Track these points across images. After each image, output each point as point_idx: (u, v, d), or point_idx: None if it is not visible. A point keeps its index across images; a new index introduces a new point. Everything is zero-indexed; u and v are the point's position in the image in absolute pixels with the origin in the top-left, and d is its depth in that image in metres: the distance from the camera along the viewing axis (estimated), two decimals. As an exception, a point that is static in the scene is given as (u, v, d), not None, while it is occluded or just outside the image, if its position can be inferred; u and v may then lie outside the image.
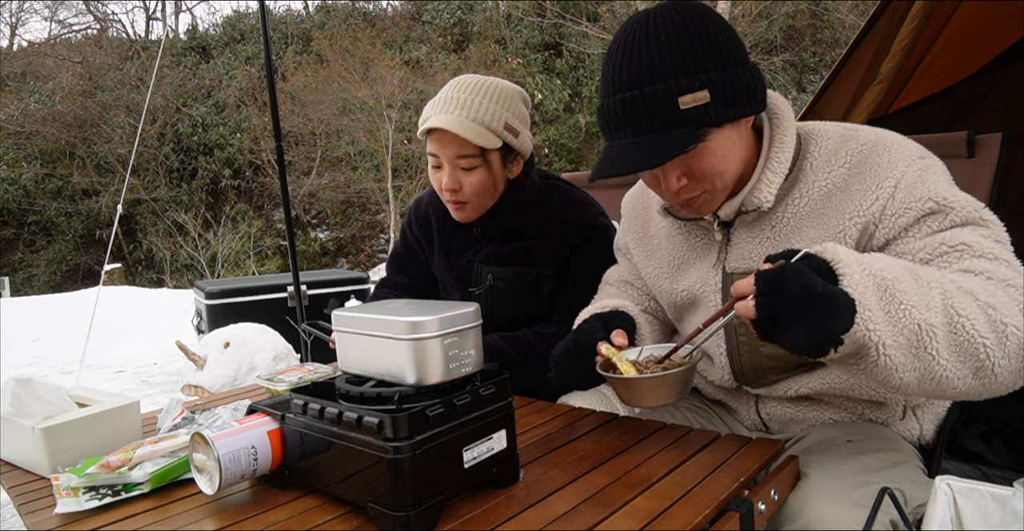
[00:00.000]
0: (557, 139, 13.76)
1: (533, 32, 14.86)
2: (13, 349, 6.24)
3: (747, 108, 0.99)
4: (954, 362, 0.81)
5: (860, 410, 1.12)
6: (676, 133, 0.95)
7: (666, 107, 0.95)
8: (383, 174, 13.82)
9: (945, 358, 0.80)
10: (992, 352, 0.81)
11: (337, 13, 17.80)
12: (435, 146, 1.39)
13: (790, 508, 0.92)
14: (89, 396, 1.17)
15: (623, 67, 0.97)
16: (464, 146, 1.35)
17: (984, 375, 0.82)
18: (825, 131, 1.07)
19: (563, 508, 0.82)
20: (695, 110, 0.94)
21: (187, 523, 0.85)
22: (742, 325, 1.12)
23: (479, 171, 1.39)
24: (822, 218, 1.02)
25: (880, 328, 0.77)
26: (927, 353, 0.80)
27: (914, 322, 0.79)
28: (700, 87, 0.94)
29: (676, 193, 1.03)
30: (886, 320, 0.78)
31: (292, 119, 14.19)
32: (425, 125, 1.36)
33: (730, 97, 0.96)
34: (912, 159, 0.98)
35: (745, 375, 1.16)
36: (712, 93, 0.94)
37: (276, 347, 3.73)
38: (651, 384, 0.97)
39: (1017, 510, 0.82)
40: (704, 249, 1.16)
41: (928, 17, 2.31)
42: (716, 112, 0.95)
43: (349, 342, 0.93)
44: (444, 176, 1.40)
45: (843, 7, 12.00)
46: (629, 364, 1.01)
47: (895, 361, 0.79)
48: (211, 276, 13.66)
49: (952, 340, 0.80)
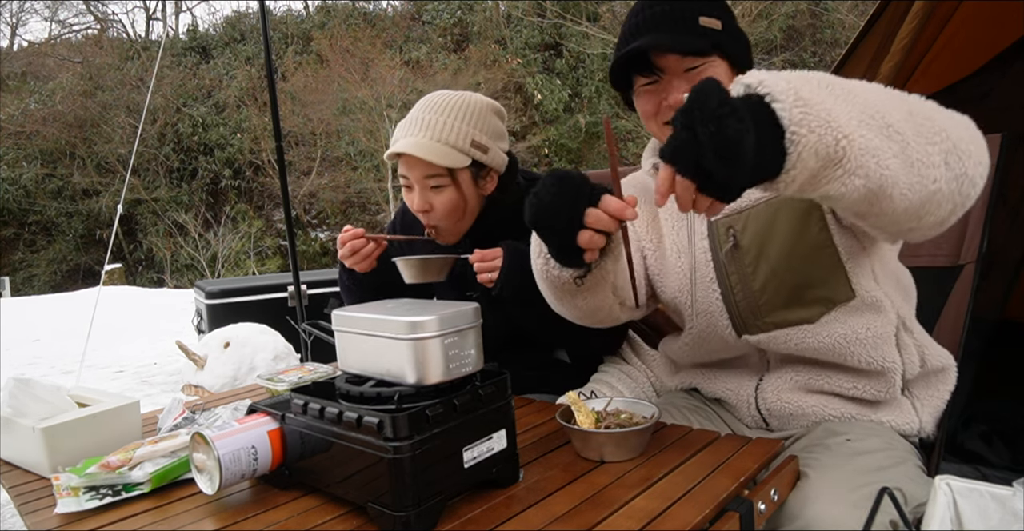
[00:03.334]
0: (557, 139, 13.77)
1: (533, 32, 14.87)
2: (13, 349, 6.25)
3: (742, 62, 1.12)
4: (923, 144, 0.79)
5: (859, 389, 1.12)
6: (697, 39, 1.09)
7: (690, 18, 1.10)
8: (383, 174, 13.84)
9: (913, 140, 0.78)
10: (950, 134, 0.81)
11: (337, 13, 17.80)
12: (404, 168, 1.41)
13: (790, 508, 0.92)
14: (89, 396, 1.17)
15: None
16: (430, 167, 1.36)
17: (953, 160, 0.81)
18: None
19: (563, 508, 0.82)
20: (712, 30, 1.10)
21: (187, 523, 0.85)
22: (731, 264, 1.15)
23: (448, 191, 1.39)
24: None
25: (837, 111, 0.73)
26: (894, 131, 0.77)
27: (867, 104, 0.76)
28: (716, 16, 1.11)
29: (675, 107, 1.05)
30: (837, 104, 0.74)
31: (292, 119, 14.19)
32: (391, 150, 1.38)
33: (735, 39, 1.12)
34: None
35: (744, 319, 1.16)
36: (723, 25, 1.11)
37: (276, 347, 3.73)
38: (603, 440, 0.96)
39: (1017, 510, 0.82)
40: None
41: (928, 17, 2.31)
42: (726, 40, 1.10)
43: (349, 342, 0.93)
44: (415, 197, 1.41)
45: (843, 7, 12.01)
46: (588, 415, 1.01)
47: (869, 143, 0.74)
48: (211, 276, 13.66)
49: (911, 121, 0.79)
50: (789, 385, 1.16)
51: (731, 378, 1.24)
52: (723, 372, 1.26)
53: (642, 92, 1.16)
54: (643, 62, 1.12)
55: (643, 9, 1.14)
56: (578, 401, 1.03)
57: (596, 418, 1.01)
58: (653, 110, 1.15)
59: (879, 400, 1.12)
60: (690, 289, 1.20)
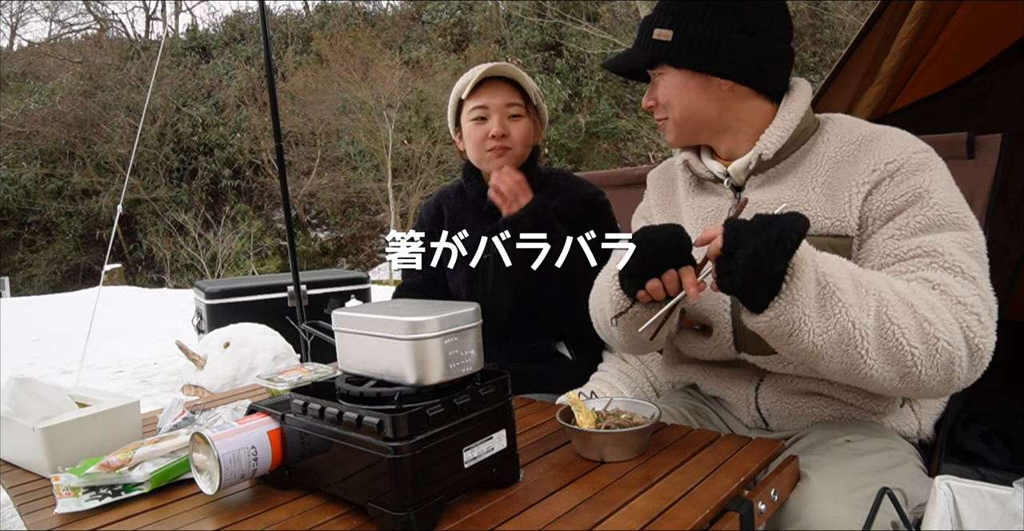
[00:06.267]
0: (557, 139, 13.76)
1: (533, 32, 14.86)
2: (13, 349, 6.24)
3: (714, 67, 1.11)
4: (882, 363, 0.89)
5: (859, 400, 1.12)
6: (640, 54, 1.16)
7: (647, 31, 1.15)
8: (383, 174, 13.82)
9: (873, 359, 0.89)
10: (920, 361, 0.89)
11: (337, 13, 17.80)
12: (484, 97, 1.51)
13: (790, 508, 0.92)
14: (89, 396, 1.17)
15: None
16: (512, 94, 1.51)
17: (910, 380, 0.91)
18: (842, 117, 1.17)
19: (563, 508, 0.82)
20: (658, 43, 1.13)
21: (187, 523, 0.85)
22: None
23: (524, 121, 1.53)
24: (829, 188, 1.08)
25: (811, 317, 0.87)
26: (856, 351, 0.88)
27: (848, 320, 0.87)
28: (667, 26, 1.12)
29: (650, 110, 1.21)
30: (819, 313, 0.87)
31: (292, 119, 14.18)
32: (479, 75, 1.48)
33: (693, 48, 1.10)
34: (918, 147, 1.05)
35: (746, 337, 1.16)
36: (675, 35, 1.11)
37: (276, 347, 3.73)
38: (603, 440, 0.96)
39: (1017, 510, 0.82)
40: (718, 212, 1.23)
41: (928, 17, 2.31)
42: (670, 53, 1.12)
43: (349, 342, 0.93)
44: (493, 124, 1.50)
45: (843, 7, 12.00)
46: (588, 415, 1.01)
47: (821, 350, 0.89)
48: (211, 276, 13.65)
49: (882, 344, 0.88)
50: (789, 387, 1.16)
51: (731, 377, 1.24)
52: (724, 370, 1.26)
53: None
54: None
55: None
56: (578, 401, 1.03)
57: (596, 418, 1.01)
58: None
59: (878, 405, 1.12)
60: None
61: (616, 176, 2.39)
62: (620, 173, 2.41)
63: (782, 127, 1.11)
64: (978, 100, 2.48)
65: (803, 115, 1.12)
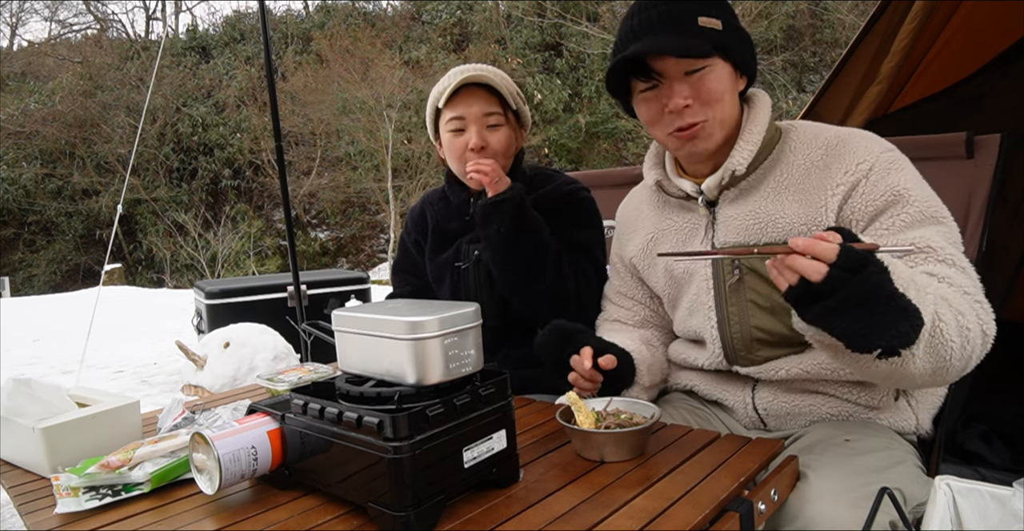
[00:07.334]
0: (557, 139, 13.75)
1: (533, 32, 14.85)
2: (13, 349, 6.24)
3: (745, 63, 1.10)
4: (925, 361, 0.87)
5: (854, 396, 1.12)
6: (696, 41, 1.05)
7: (689, 19, 1.07)
8: (383, 174, 13.81)
9: (920, 358, 0.86)
10: (953, 354, 0.88)
11: (337, 13, 17.78)
12: (460, 107, 1.43)
13: (790, 508, 0.92)
14: (89, 396, 1.17)
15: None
16: (490, 102, 1.42)
17: (940, 373, 0.90)
18: (802, 124, 1.17)
19: (563, 508, 0.82)
20: (710, 30, 1.06)
21: (187, 523, 0.85)
22: (732, 295, 1.15)
23: (503, 129, 1.45)
24: (803, 194, 1.08)
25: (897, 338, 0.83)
26: (909, 352, 0.85)
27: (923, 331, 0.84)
28: (715, 15, 1.07)
29: (680, 114, 1.08)
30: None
31: (292, 119, 14.17)
32: (456, 82, 1.40)
33: (736, 39, 1.08)
34: (884, 148, 1.06)
35: (736, 350, 1.17)
36: (723, 25, 1.07)
37: (276, 347, 3.73)
38: (603, 440, 0.96)
39: (1017, 510, 0.82)
40: (693, 230, 1.22)
41: (928, 17, 2.31)
42: (726, 40, 1.07)
43: (349, 342, 0.93)
44: (471, 135, 1.43)
45: (843, 7, 12.00)
46: (588, 415, 1.01)
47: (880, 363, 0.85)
48: (211, 276, 13.65)
49: (930, 342, 0.86)
50: (785, 386, 1.16)
51: (727, 381, 1.24)
52: (719, 375, 1.26)
53: (641, 99, 1.13)
54: (641, 67, 1.09)
55: (639, 11, 1.10)
56: (578, 401, 1.03)
57: (596, 418, 1.01)
58: (656, 117, 1.12)
59: (873, 400, 1.12)
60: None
61: (615, 175, 2.39)
62: (619, 172, 2.42)
63: (751, 141, 1.10)
64: (978, 100, 2.48)
65: (767, 126, 1.12)
